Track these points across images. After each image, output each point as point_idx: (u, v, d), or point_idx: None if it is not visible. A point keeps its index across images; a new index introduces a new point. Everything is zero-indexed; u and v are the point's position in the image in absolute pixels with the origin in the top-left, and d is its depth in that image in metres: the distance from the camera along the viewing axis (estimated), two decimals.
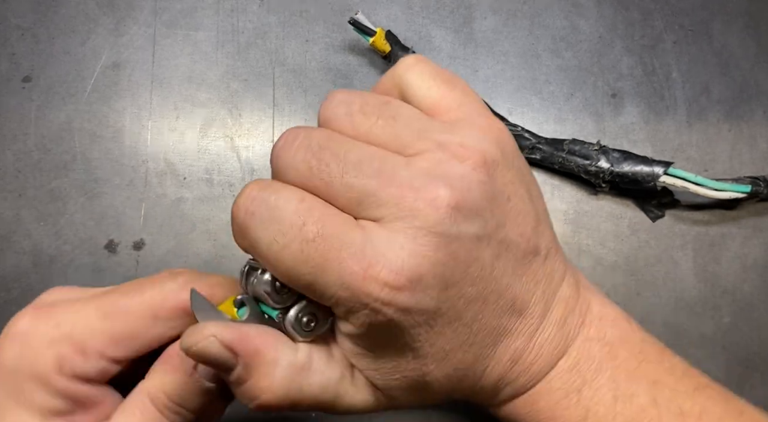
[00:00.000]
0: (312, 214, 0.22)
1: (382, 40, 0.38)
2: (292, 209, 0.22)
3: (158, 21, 0.41)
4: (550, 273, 0.25)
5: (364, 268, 0.21)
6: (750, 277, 0.40)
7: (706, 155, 0.41)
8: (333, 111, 0.24)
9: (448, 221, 0.21)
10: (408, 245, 0.21)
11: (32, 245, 0.38)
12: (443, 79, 0.25)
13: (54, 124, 0.39)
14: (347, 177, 0.22)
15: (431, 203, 0.21)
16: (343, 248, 0.21)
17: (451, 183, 0.22)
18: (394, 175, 0.22)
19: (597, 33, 0.42)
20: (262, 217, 0.22)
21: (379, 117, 0.23)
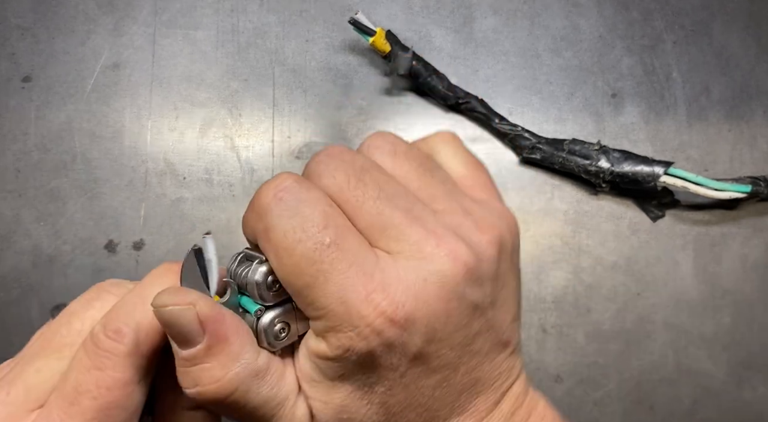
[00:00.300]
0: (336, 221, 0.22)
1: (382, 40, 0.38)
2: (319, 209, 0.22)
3: (158, 21, 0.41)
4: (510, 369, 0.25)
5: (368, 290, 0.21)
6: (750, 277, 0.40)
7: (707, 155, 0.41)
8: (378, 146, 0.25)
9: (459, 279, 0.22)
10: (415, 286, 0.21)
11: (32, 245, 0.38)
12: (473, 161, 0.27)
13: (54, 124, 0.39)
14: (380, 202, 0.22)
15: (450, 255, 0.22)
16: (355, 264, 0.21)
17: (471, 246, 0.22)
18: (422, 217, 0.23)
19: (597, 33, 0.42)
20: (289, 205, 0.22)
21: (420, 165, 0.24)
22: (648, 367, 0.39)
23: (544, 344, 0.39)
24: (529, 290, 0.39)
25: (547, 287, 0.39)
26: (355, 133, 0.40)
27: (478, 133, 0.41)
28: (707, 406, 0.39)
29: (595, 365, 0.39)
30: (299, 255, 0.21)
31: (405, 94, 0.41)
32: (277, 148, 0.40)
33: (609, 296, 0.39)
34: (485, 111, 0.40)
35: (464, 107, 0.40)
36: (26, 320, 0.37)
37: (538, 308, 0.39)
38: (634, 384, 0.39)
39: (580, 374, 0.39)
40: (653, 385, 0.39)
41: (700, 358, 0.39)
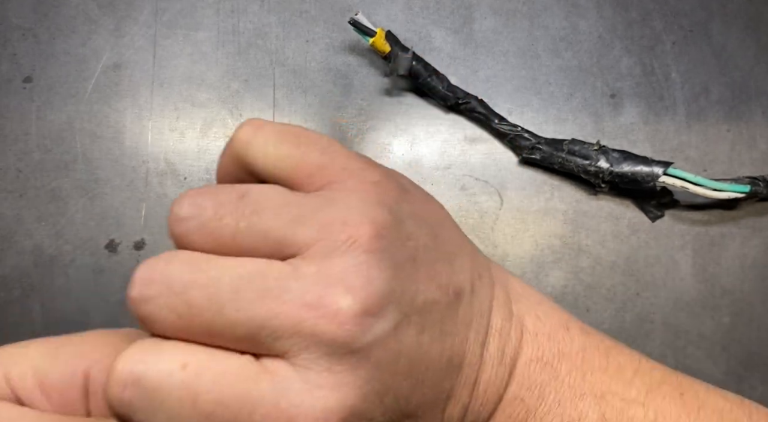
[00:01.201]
0: (202, 381, 0.18)
1: (382, 40, 0.38)
2: (175, 383, 0.18)
3: (158, 21, 0.41)
4: (478, 308, 0.23)
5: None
6: (749, 277, 0.40)
7: (706, 155, 0.41)
8: (184, 227, 0.20)
9: (360, 334, 0.18)
10: (325, 381, 0.18)
11: (33, 245, 0.38)
12: (291, 142, 0.21)
13: (55, 124, 0.39)
14: (227, 313, 0.18)
15: (334, 321, 0.18)
16: (254, 410, 0.18)
17: (350, 284, 0.18)
18: (283, 293, 0.18)
19: (597, 33, 0.42)
20: (143, 406, 0.18)
21: (239, 219, 0.19)
22: None
23: None
24: None
25: (547, 287, 0.39)
26: (355, 133, 0.40)
27: (477, 133, 0.41)
28: None
29: None
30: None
31: (405, 95, 0.41)
32: None
33: (608, 296, 0.39)
34: (485, 111, 0.40)
35: (464, 107, 0.40)
36: (27, 320, 0.37)
37: None
38: None
39: None
40: None
41: (700, 358, 0.39)
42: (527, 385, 0.24)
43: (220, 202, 0.20)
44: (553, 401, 0.24)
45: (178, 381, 0.18)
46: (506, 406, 0.24)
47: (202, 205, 0.20)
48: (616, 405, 0.24)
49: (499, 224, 0.40)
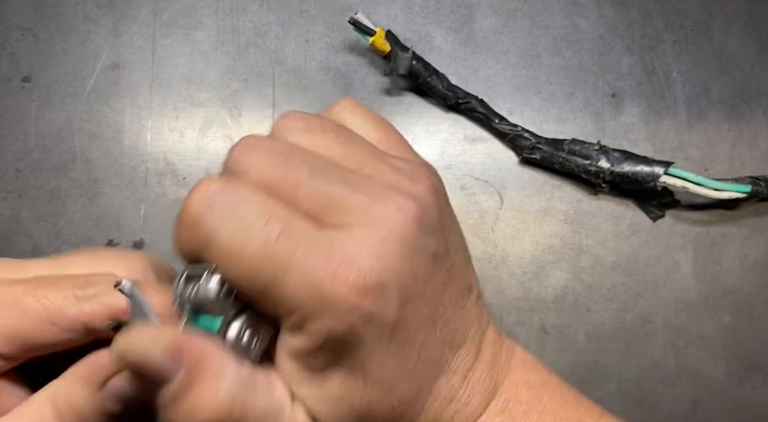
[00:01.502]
0: (277, 212, 0.21)
1: (382, 40, 0.38)
2: (255, 204, 0.21)
3: (157, 21, 0.41)
4: (480, 314, 0.25)
5: (334, 268, 0.20)
6: (750, 277, 0.40)
7: (706, 155, 0.41)
8: (290, 126, 0.23)
9: (414, 232, 0.21)
10: (375, 250, 0.21)
11: (32, 245, 0.38)
12: (381, 122, 0.26)
13: (54, 124, 0.39)
14: (314, 181, 0.21)
15: (399, 211, 0.21)
16: (310, 247, 0.20)
17: (414, 199, 0.22)
18: (361, 184, 0.22)
19: (597, 33, 0.42)
20: (222, 210, 0.21)
21: (338, 136, 0.23)
22: (648, 367, 0.39)
23: (544, 344, 0.39)
24: (529, 290, 0.39)
25: (547, 287, 0.39)
26: None
27: (478, 133, 0.41)
28: (707, 406, 0.39)
29: (595, 365, 0.39)
30: (251, 256, 0.20)
31: (405, 94, 0.41)
32: None
33: (609, 296, 0.39)
34: (485, 111, 0.40)
35: (464, 106, 0.40)
36: None
37: (538, 308, 0.39)
38: (634, 384, 0.39)
39: (580, 374, 0.39)
40: (653, 385, 0.39)
41: (700, 358, 0.39)
42: (515, 401, 0.25)
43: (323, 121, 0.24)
44: (536, 420, 0.25)
45: (258, 202, 0.21)
46: (495, 416, 0.25)
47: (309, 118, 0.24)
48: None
49: (499, 224, 0.40)
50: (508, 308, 0.39)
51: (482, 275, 0.39)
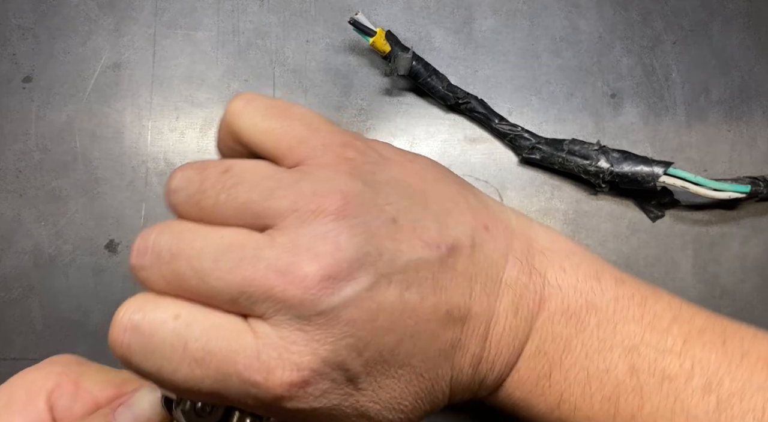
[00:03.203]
0: (192, 331, 0.20)
1: (382, 40, 0.38)
2: (168, 330, 0.20)
3: (158, 21, 0.41)
4: (484, 261, 0.23)
5: (264, 376, 0.20)
6: (750, 277, 0.40)
7: (706, 155, 0.41)
8: (175, 197, 0.22)
9: (326, 298, 0.20)
10: (298, 338, 0.20)
11: (33, 245, 0.38)
12: (277, 115, 0.23)
13: (54, 124, 0.39)
14: (209, 281, 0.20)
15: (300, 287, 0.19)
16: (238, 359, 0.20)
17: (316, 252, 0.20)
18: (258, 262, 0.20)
19: (597, 33, 0.42)
20: (140, 348, 0.20)
21: (221, 191, 0.21)
22: None
23: None
24: None
25: None
26: None
27: (477, 133, 0.41)
28: None
29: None
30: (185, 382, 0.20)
31: (405, 95, 0.41)
32: None
33: None
34: (485, 111, 0.40)
35: (464, 107, 0.40)
36: (26, 320, 0.37)
37: None
38: None
39: None
40: None
41: None
42: (551, 338, 0.24)
43: (205, 176, 0.22)
44: (579, 353, 0.23)
45: (171, 328, 0.20)
46: (529, 359, 0.24)
47: (190, 178, 0.22)
48: (648, 356, 0.23)
49: None
50: None
51: None
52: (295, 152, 0.22)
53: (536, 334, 0.24)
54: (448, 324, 0.22)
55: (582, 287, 0.24)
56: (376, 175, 0.22)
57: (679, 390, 0.23)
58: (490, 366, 0.24)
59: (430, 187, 0.23)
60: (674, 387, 0.23)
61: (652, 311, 0.24)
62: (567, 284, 0.24)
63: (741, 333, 0.24)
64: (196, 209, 0.22)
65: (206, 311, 0.21)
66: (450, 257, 0.22)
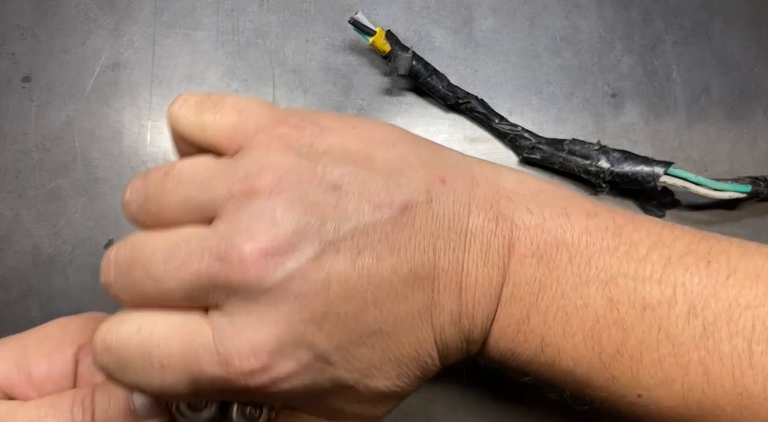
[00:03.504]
0: (154, 339, 0.20)
1: (382, 40, 0.38)
2: (134, 344, 0.21)
3: (158, 21, 0.41)
4: (444, 215, 0.22)
5: (225, 368, 0.20)
6: None
7: (707, 155, 0.41)
8: (129, 210, 0.24)
9: (268, 276, 0.20)
10: (248, 321, 0.20)
11: (32, 245, 0.38)
12: (209, 109, 0.23)
13: (54, 124, 0.39)
14: (163, 282, 0.21)
15: (240, 268, 0.19)
16: (198, 357, 0.20)
17: (253, 230, 0.20)
18: (202, 253, 0.20)
19: (597, 33, 0.42)
20: (115, 366, 0.21)
21: (162, 193, 0.22)
22: None
23: None
24: None
25: None
26: None
27: (478, 133, 0.41)
28: None
29: None
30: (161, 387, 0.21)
31: (405, 95, 0.41)
32: None
33: None
34: (485, 111, 0.40)
35: (464, 106, 0.40)
36: (26, 320, 0.37)
37: None
38: None
39: None
40: None
41: None
42: (524, 281, 0.23)
43: (148, 182, 0.23)
44: (555, 293, 0.23)
45: (136, 342, 0.21)
46: (506, 305, 0.23)
47: (137, 188, 0.23)
48: (626, 287, 0.22)
49: None
50: None
51: None
52: (233, 140, 0.22)
53: (510, 279, 0.23)
54: (414, 283, 0.22)
55: (549, 225, 0.23)
56: (314, 146, 0.22)
57: (662, 318, 0.22)
58: (471, 319, 0.23)
59: (376, 150, 0.23)
60: (657, 315, 0.22)
61: (629, 240, 0.23)
62: (534, 224, 0.23)
63: (729, 251, 0.23)
64: (147, 216, 0.22)
65: (166, 316, 0.21)
66: (403, 215, 0.21)
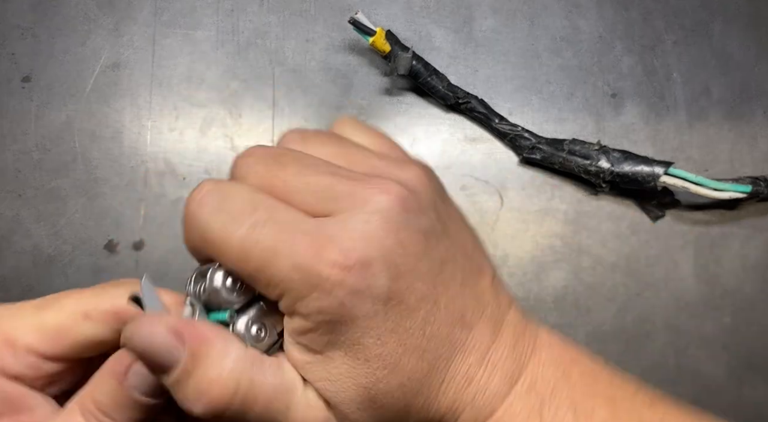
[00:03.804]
0: (264, 202, 0.22)
1: (382, 40, 0.38)
2: (243, 198, 0.22)
3: (158, 21, 0.41)
4: (496, 298, 0.25)
5: (316, 249, 0.21)
6: (750, 277, 0.40)
7: (707, 155, 0.41)
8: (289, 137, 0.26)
9: (397, 208, 0.22)
10: (358, 228, 0.22)
11: (32, 245, 0.38)
12: (377, 133, 0.27)
13: (54, 124, 0.39)
14: (303, 175, 0.23)
15: (383, 192, 0.22)
16: (296, 231, 0.22)
17: (401, 181, 0.23)
18: (348, 175, 0.23)
19: (597, 33, 0.42)
20: (213, 205, 0.22)
21: (330, 138, 0.25)
22: (648, 367, 0.39)
23: None
24: (529, 290, 0.39)
25: (547, 288, 0.39)
26: None
27: (478, 133, 0.41)
28: (707, 406, 0.39)
29: None
30: (240, 242, 0.22)
31: (405, 94, 0.41)
32: None
33: (609, 296, 0.39)
34: (485, 111, 0.40)
35: (464, 107, 0.40)
36: None
37: (538, 308, 0.39)
38: None
39: None
40: (653, 385, 0.39)
41: (701, 358, 0.39)
42: (541, 379, 0.25)
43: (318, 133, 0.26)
44: (566, 397, 0.25)
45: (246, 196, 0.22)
46: (523, 395, 0.25)
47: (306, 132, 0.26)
48: (625, 405, 0.25)
49: (499, 224, 0.40)
50: None
51: None
52: None
53: (528, 374, 0.25)
54: (459, 322, 0.24)
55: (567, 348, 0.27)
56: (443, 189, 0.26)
57: None
58: (481, 388, 0.24)
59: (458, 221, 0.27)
60: None
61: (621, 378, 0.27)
62: (555, 343, 0.27)
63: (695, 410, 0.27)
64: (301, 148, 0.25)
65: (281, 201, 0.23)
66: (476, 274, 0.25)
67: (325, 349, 0.23)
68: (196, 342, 0.22)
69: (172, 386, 0.22)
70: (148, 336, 0.21)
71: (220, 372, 0.22)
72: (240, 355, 0.22)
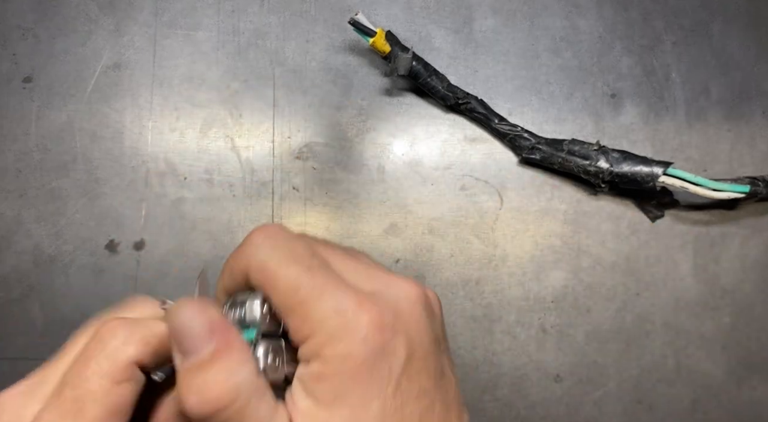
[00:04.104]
0: (321, 254, 0.25)
1: (382, 40, 0.38)
2: (305, 245, 0.25)
3: (158, 21, 0.41)
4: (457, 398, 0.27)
5: (359, 302, 0.23)
6: (750, 277, 0.40)
7: (706, 155, 0.41)
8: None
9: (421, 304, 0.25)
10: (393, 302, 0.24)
11: (33, 245, 0.38)
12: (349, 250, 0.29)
13: (55, 124, 0.39)
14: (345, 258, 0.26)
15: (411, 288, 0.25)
16: (344, 284, 0.24)
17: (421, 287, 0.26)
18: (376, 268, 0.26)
19: (597, 33, 0.42)
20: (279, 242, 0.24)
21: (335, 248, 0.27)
22: (648, 367, 0.39)
23: (544, 344, 0.39)
24: (529, 290, 0.39)
25: (547, 287, 0.39)
26: (355, 133, 0.40)
27: (477, 133, 0.41)
28: (707, 406, 0.39)
29: (594, 365, 0.39)
30: (295, 275, 0.23)
31: (405, 95, 0.41)
32: (277, 148, 0.40)
33: (608, 296, 0.39)
34: (485, 111, 0.40)
35: (464, 107, 0.40)
36: (27, 320, 0.37)
37: (538, 308, 0.39)
38: (634, 383, 0.39)
39: (580, 374, 0.39)
40: (653, 385, 0.39)
41: (700, 358, 0.39)
42: None
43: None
44: None
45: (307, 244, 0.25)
46: None
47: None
48: None
49: (499, 224, 0.40)
50: (508, 308, 0.39)
51: (482, 275, 0.39)
52: None
53: None
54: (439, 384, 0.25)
55: None
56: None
57: None
58: None
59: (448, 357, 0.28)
60: None
61: None
62: None
63: None
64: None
65: None
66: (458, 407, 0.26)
67: (333, 402, 0.23)
68: (223, 344, 0.23)
69: (181, 370, 0.23)
70: (189, 319, 0.23)
71: (228, 379, 0.22)
72: (251, 374, 0.23)
